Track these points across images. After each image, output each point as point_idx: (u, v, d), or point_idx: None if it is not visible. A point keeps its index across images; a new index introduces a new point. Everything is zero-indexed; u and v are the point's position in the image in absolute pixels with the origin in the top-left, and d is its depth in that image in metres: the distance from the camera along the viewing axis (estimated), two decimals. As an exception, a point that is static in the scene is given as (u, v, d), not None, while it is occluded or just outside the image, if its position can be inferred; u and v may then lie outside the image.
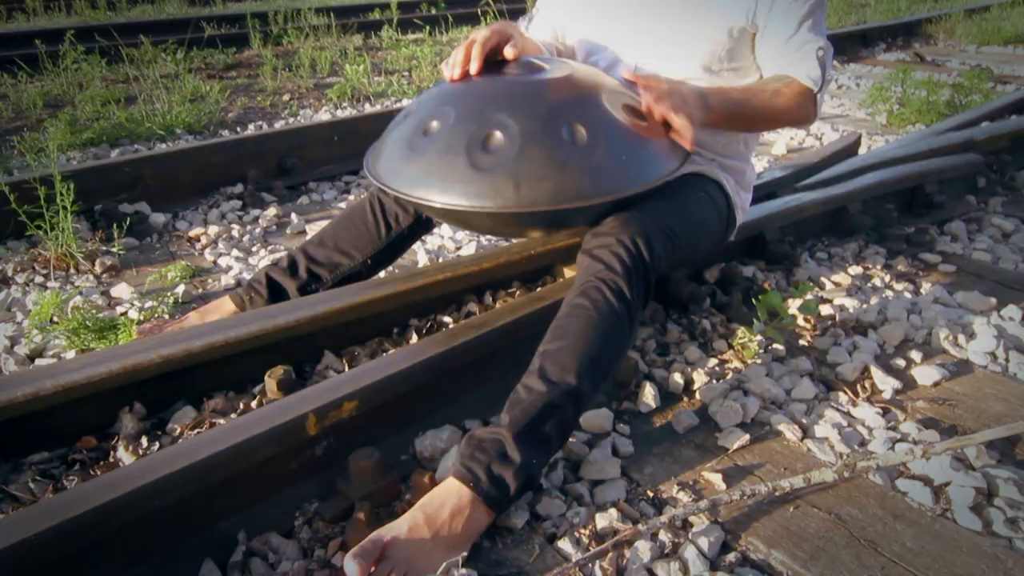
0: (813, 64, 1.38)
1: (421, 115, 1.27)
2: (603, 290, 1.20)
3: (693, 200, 1.42)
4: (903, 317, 1.75)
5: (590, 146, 1.20)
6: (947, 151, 2.53)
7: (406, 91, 4.26)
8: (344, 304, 1.48)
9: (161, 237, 2.33)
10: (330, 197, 2.70)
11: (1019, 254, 2.15)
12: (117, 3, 8.48)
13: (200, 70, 4.65)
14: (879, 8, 7.89)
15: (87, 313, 1.71)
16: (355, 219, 1.60)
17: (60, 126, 3.15)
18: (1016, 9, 7.48)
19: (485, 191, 1.15)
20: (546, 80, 1.28)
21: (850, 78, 4.78)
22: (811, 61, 1.38)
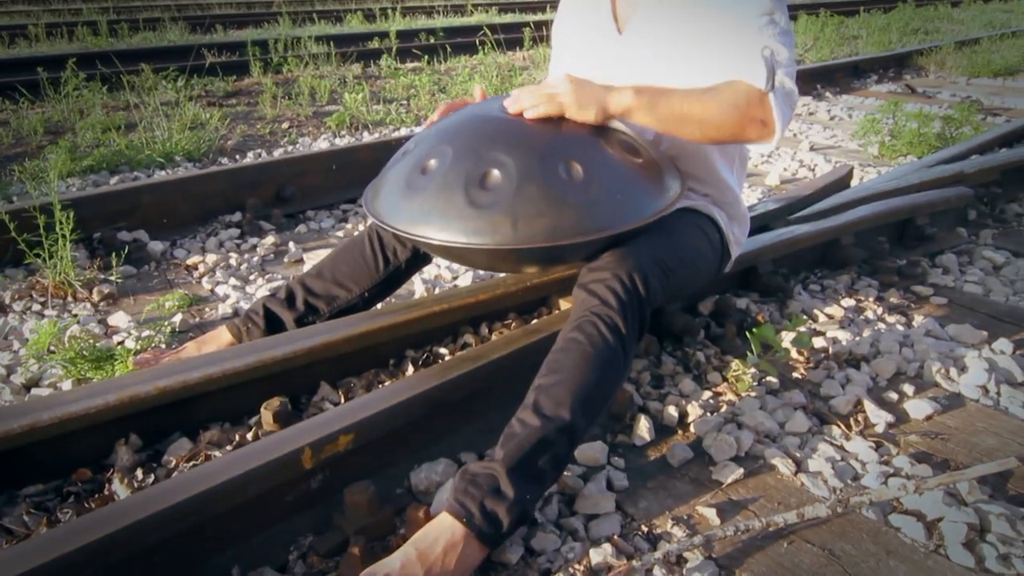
0: (756, 60, 1.27)
1: (419, 153, 1.29)
2: (598, 325, 1.21)
3: (687, 235, 1.44)
4: (895, 350, 1.76)
5: (586, 183, 1.22)
6: (938, 184, 2.57)
7: (404, 120, 4.31)
8: (341, 336, 1.49)
9: (159, 265, 2.34)
10: (328, 225, 2.72)
11: (1009, 287, 2.17)
12: (119, 29, 8.58)
13: (200, 97, 4.70)
14: (871, 40, 8.02)
15: (84, 342, 1.71)
16: (353, 252, 1.62)
17: (60, 153, 3.17)
18: (1006, 42, 7.60)
19: (483, 228, 1.17)
20: (542, 120, 1.30)
21: (842, 109, 4.84)
22: (754, 58, 1.28)
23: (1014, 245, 2.46)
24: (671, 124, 1.32)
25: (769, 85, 1.27)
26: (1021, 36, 8.15)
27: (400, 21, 9.81)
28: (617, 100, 1.30)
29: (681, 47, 1.39)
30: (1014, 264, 2.31)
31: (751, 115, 1.29)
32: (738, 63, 1.30)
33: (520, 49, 7.12)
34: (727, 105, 1.29)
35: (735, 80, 1.30)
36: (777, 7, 1.32)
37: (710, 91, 1.31)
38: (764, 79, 1.27)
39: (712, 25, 1.35)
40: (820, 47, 7.49)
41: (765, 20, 1.30)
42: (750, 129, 1.31)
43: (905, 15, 10.47)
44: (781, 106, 1.29)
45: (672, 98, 1.30)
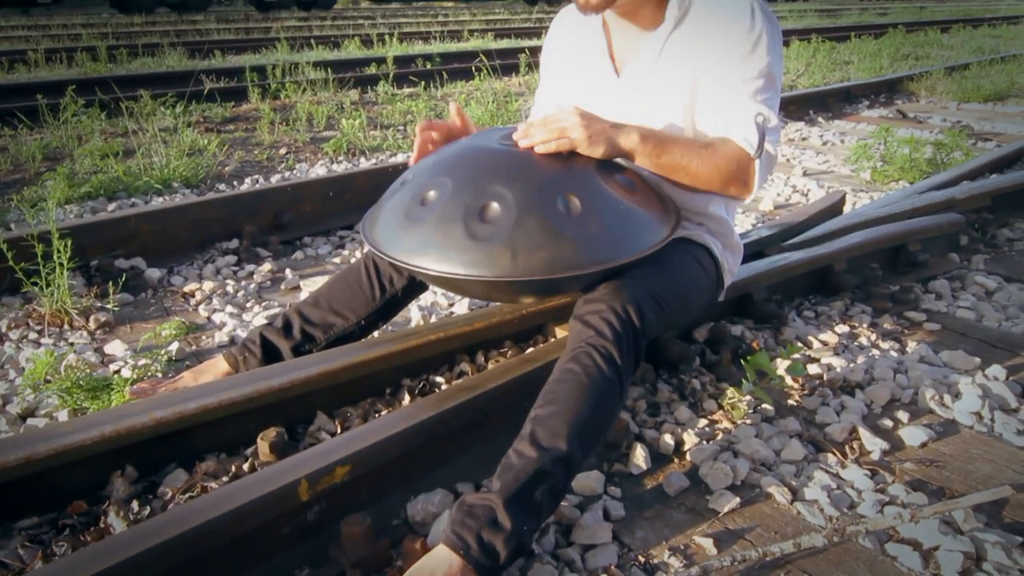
0: (751, 128, 1.35)
1: (418, 184, 1.31)
2: (593, 356, 1.22)
3: (682, 265, 1.45)
4: (889, 376, 1.78)
5: (584, 216, 1.24)
6: (929, 210, 2.59)
7: (401, 145, 4.34)
8: (338, 365, 1.50)
9: (156, 292, 2.35)
10: (324, 252, 2.73)
11: (1002, 312, 2.19)
12: (118, 55, 8.65)
13: (198, 123, 4.73)
14: (862, 66, 8.12)
15: (80, 371, 1.71)
16: (350, 280, 1.63)
17: (59, 180, 3.18)
18: (995, 67, 7.71)
19: (482, 260, 1.18)
20: (542, 153, 1.32)
21: (835, 134, 4.89)
22: (749, 124, 1.35)
23: (1005, 270, 2.48)
24: (667, 171, 1.40)
25: (758, 152, 1.36)
26: (1010, 61, 8.27)
27: (397, 47, 9.91)
28: (625, 140, 1.35)
29: (675, 97, 1.43)
30: (1006, 289, 2.33)
31: (738, 176, 1.40)
32: (733, 123, 1.38)
33: (516, 75, 7.20)
34: (720, 164, 1.38)
35: (728, 140, 1.38)
36: (773, 67, 1.37)
37: (707, 148, 1.38)
38: (755, 146, 1.35)
39: (709, 79, 1.39)
40: (812, 72, 7.59)
41: (761, 82, 1.36)
42: (732, 187, 1.42)
43: (896, 41, 10.63)
44: (763, 171, 1.40)
45: (674, 149, 1.37)
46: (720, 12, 1.38)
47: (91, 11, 20.44)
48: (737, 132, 1.37)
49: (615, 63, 1.51)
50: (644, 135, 1.36)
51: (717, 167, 1.38)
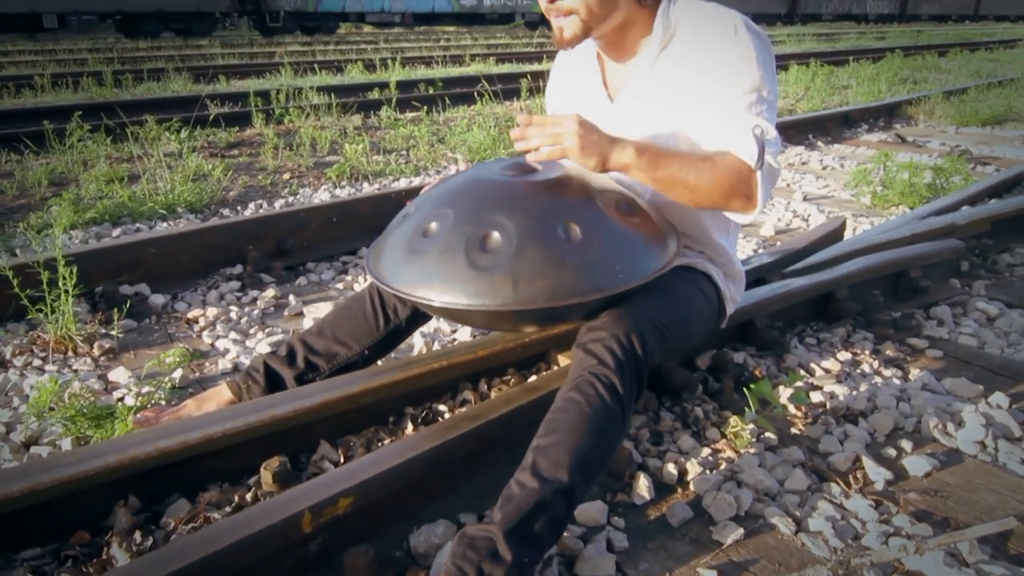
0: (748, 139, 1.33)
1: (420, 216, 1.32)
2: (596, 385, 1.22)
3: (684, 293, 1.46)
4: (892, 405, 1.77)
5: (584, 244, 1.25)
6: (930, 236, 2.61)
7: (403, 170, 4.37)
8: (341, 394, 1.50)
9: (160, 319, 2.35)
10: (328, 278, 2.74)
11: (1004, 339, 2.19)
12: (123, 80, 8.75)
13: (203, 148, 4.77)
14: (860, 90, 8.19)
15: (84, 399, 1.72)
16: (354, 310, 1.64)
17: (64, 205, 3.21)
18: (992, 91, 7.77)
19: (484, 290, 1.19)
20: (540, 181, 1.34)
21: (834, 159, 4.93)
22: (746, 136, 1.33)
23: (1007, 296, 2.48)
24: (664, 186, 1.37)
25: (759, 163, 1.33)
26: (1007, 85, 8.34)
27: (400, 71, 10.01)
28: (619, 155, 1.33)
29: (670, 119, 1.43)
30: (1007, 316, 2.33)
31: (739, 189, 1.36)
32: (730, 137, 1.35)
33: (517, 99, 7.26)
34: (719, 176, 1.34)
35: (727, 152, 1.35)
36: (765, 81, 1.35)
37: (706, 160, 1.36)
38: (755, 157, 1.32)
39: (702, 98, 1.39)
40: (811, 96, 7.65)
41: (755, 96, 1.34)
42: (735, 201, 1.38)
43: (894, 65, 10.72)
44: (766, 183, 1.36)
45: (671, 162, 1.35)
46: (705, 32, 1.38)
47: (97, 36, 20.70)
48: (735, 145, 1.35)
49: (608, 92, 1.53)
50: (639, 149, 1.34)
51: (717, 179, 1.34)
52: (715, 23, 1.37)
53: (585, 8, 1.35)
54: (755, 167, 1.33)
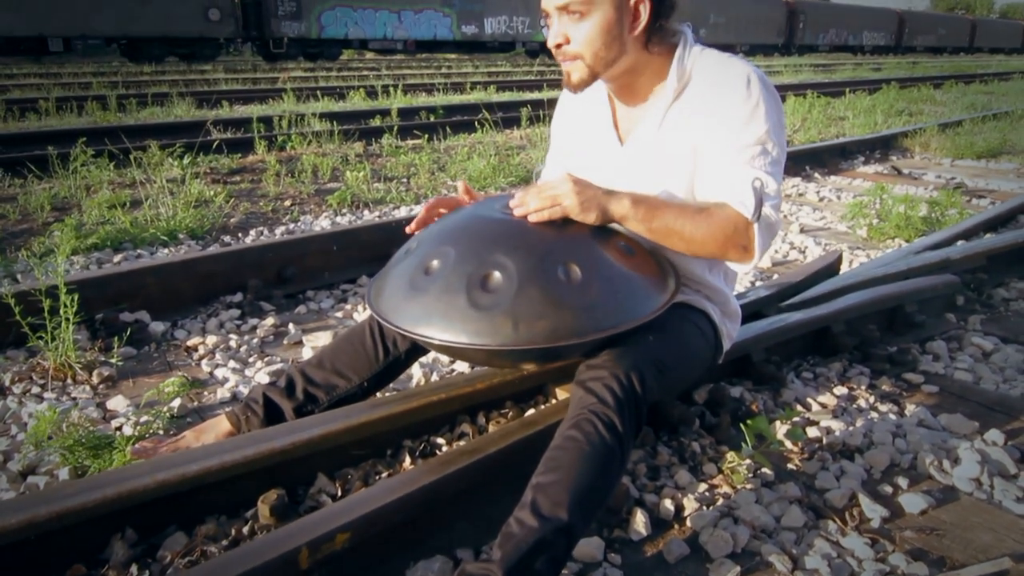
0: (747, 191, 1.35)
1: (422, 253, 1.34)
2: (595, 423, 1.23)
3: (682, 331, 1.47)
4: (888, 441, 1.78)
5: (584, 284, 1.27)
6: (925, 270, 2.63)
7: (404, 199, 4.41)
8: (340, 427, 1.51)
9: (159, 346, 2.36)
10: (327, 306, 2.75)
11: (999, 374, 2.20)
12: (127, 104, 8.84)
13: (205, 175, 4.81)
14: (856, 122, 8.29)
15: (82, 428, 1.72)
16: (354, 342, 1.65)
17: (66, 231, 3.23)
18: (987, 124, 7.87)
19: (484, 329, 1.21)
20: (540, 221, 1.35)
21: (831, 190, 4.97)
22: (745, 188, 1.36)
23: (1002, 331, 2.50)
24: (661, 236, 1.40)
25: (756, 215, 1.35)
26: (1002, 118, 8.44)
27: (401, 99, 10.12)
28: (616, 206, 1.37)
29: (678, 166, 1.45)
30: (1003, 351, 2.35)
31: (735, 240, 1.38)
32: (730, 188, 1.38)
33: (517, 128, 7.34)
34: (715, 228, 1.37)
35: (725, 204, 1.38)
36: (771, 135, 1.37)
37: (702, 212, 1.38)
38: (752, 210, 1.35)
39: (709, 147, 1.41)
40: (808, 128, 7.74)
41: (759, 149, 1.37)
42: (732, 252, 1.41)
43: (889, 97, 10.86)
44: (763, 236, 1.38)
45: (667, 213, 1.38)
46: (718, 83, 1.40)
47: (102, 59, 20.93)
48: (734, 196, 1.38)
49: (619, 133, 1.55)
50: (635, 200, 1.37)
51: (712, 231, 1.37)
52: (729, 74, 1.39)
53: (591, 54, 1.38)
54: (752, 219, 1.36)
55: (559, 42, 1.39)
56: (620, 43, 1.39)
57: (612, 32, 1.36)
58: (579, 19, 1.36)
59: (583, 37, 1.37)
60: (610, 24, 1.36)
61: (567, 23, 1.37)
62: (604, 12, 1.35)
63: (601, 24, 1.35)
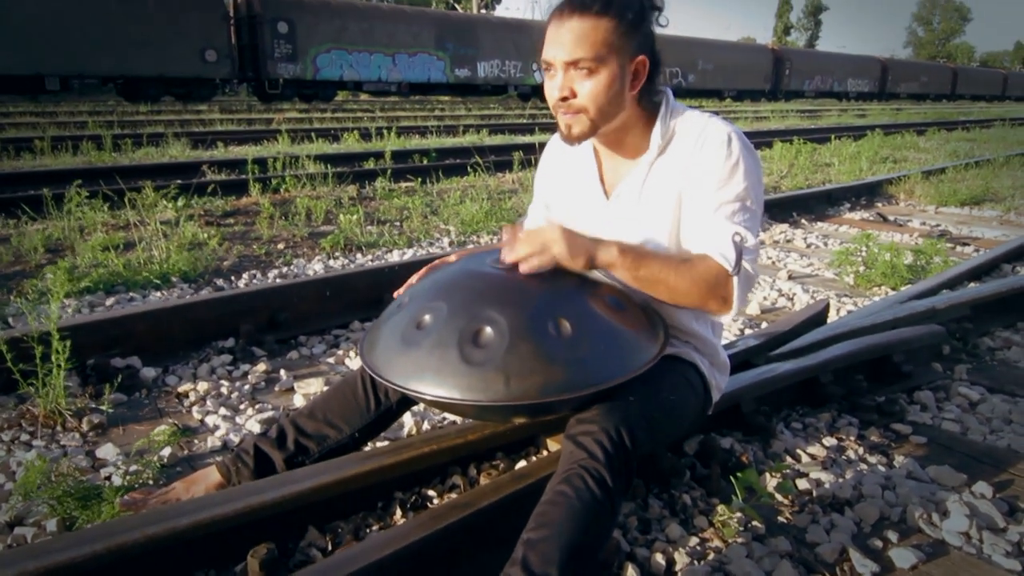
0: (728, 246, 1.41)
1: (414, 308, 1.36)
2: (586, 479, 1.24)
3: (671, 384, 1.49)
4: (878, 493, 1.79)
5: (575, 339, 1.29)
6: (911, 320, 2.67)
7: (397, 242, 4.44)
8: (331, 479, 1.51)
9: (150, 392, 2.36)
10: (319, 352, 2.76)
11: (986, 425, 2.22)
12: (122, 144, 8.90)
13: (199, 217, 4.83)
14: (842, 168, 8.44)
15: (72, 477, 1.71)
16: (345, 392, 1.66)
17: (59, 273, 3.24)
18: (970, 172, 8.03)
19: (476, 385, 1.22)
20: (531, 276, 1.38)
21: (818, 237, 5.05)
22: (726, 243, 1.41)
23: (988, 381, 2.53)
24: (646, 284, 1.44)
25: (736, 269, 1.40)
26: (984, 166, 8.61)
27: (395, 141, 10.24)
28: (604, 254, 1.41)
29: (661, 221, 1.50)
30: (989, 401, 2.37)
31: (716, 292, 1.43)
32: (712, 241, 1.43)
33: (509, 171, 7.43)
34: (698, 279, 1.42)
35: (707, 256, 1.43)
36: (750, 192, 1.43)
37: (686, 263, 1.43)
38: (732, 263, 1.40)
39: (690, 203, 1.46)
40: (795, 174, 7.87)
41: (739, 205, 1.42)
42: (712, 303, 1.45)
43: (874, 144, 11.08)
44: (742, 288, 1.43)
45: (652, 263, 1.42)
46: (701, 142, 1.46)
47: (98, 98, 21.14)
48: (716, 250, 1.42)
49: (605, 187, 1.59)
50: (623, 249, 1.41)
51: (695, 281, 1.42)
52: (710, 134, 1.44)
53: (596, 108, 1.42)
54: (732, 272, 1.41)
55: (565, 95, 1.42)
56: (621, 99, 1.43)
57: (616, 88, 1.41)
58: (587, 75, 1.39)
59: (589, 92, 1.40)
60: (615, 81, 1.40)
61: (574, 77, 1.40)
62: (611, 69, 1.39)
63: (608, 81, 1.39)
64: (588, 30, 1.37)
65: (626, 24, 1.38)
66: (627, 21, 1.38)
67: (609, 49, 1.38)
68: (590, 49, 1.37)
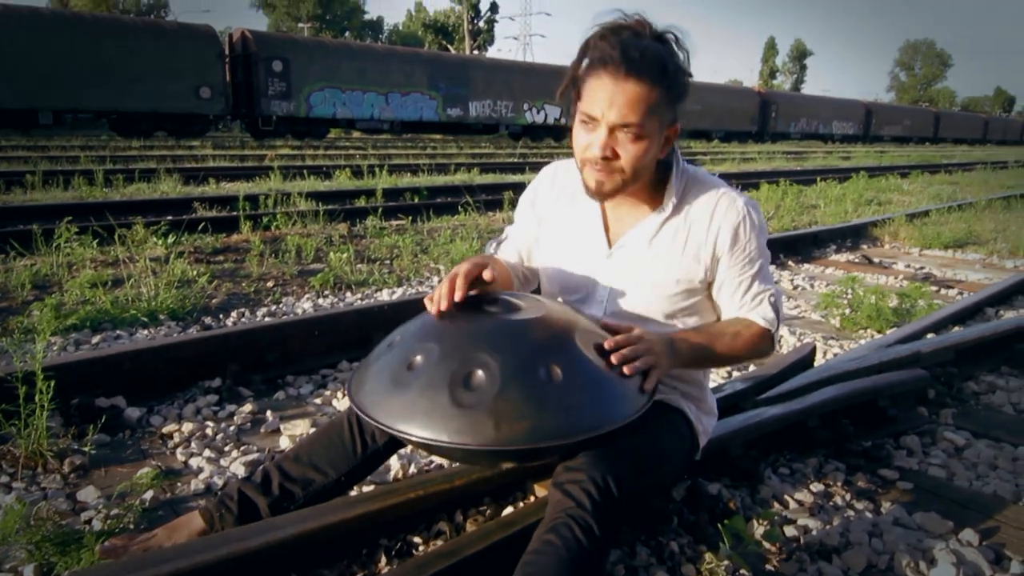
0: (767, 309, 1.55)
1: (405, 349, 1.36)
2: (572, 528, 1.24)
3: (659, 431, 1.50)
4: (865, 541, 1.79)
5: (565, 386, 1.29)
6: (896, 364, 2.69)
7: (386, 281, 4.45)
8: (315, 526, 1.49)
9: (134, 433, 2.33)
10: (306, 392, 2.74)
11: (972, 470, 2.23)
12: (114, 180, 8.92)
13: (189, 254, 4.83)
14: (828, 210, 8.56)
15: (51, 521, 1.68)
16: (332, 435, 1.64)
17: (46, 311, 3.22)
18: (953, 215, 8.15)
19: (465, 428, 1.22)
20: (523, 320, 1.38)
21: (804, 279, 5.10)
22: (765, 307, 1.55)
23: (973, 425, 2.54)
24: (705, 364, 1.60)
25: (778, 326, 1.54)
26: (967, 209, 8.75)
27: (386, 179, 10.32)
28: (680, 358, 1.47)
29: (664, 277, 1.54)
30: (975, 446, 2.38)
31: (763, 350, 1.57)
32: (751, 308, 1.55)
33: (500, 210, 7.49)
34: (748, 345, 1.55)
35: (751, 322, 1.55)
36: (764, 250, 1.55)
37: (734, 336, 1.54)
38: (775, 323, 1.54)
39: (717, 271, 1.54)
40: (782, 215, 7.97)
41: (760, 264, 1.54)
42: (757, 359, 1.63)
43: (859, 186, 11.27)
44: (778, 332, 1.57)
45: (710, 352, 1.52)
46: (718, 215, 1.51)
47: (90, 133, 21.24)
48: (756, 315, 1.54)
49: (609, 237, 1.60)
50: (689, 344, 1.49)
51: (746, 347, 1.54)
52: (726, 206, 1.51)
53: (632, 171, 1.44)
54: (775, 330, 1.54)
55: (607, 155, 1.41)
56: (653, 163, 1.48)
57: (653, 154, 1.45)
58: (633, 140, 1.40)
59: (632, 156, 1.41)
60: (655, 147, 1.44)
61: (619, 139, 1.40)
62: (654, 137, 1.42)
63: (649, 147, 1.43)
64: (643, 96, 1.36)
65: (673, 95, 1.42)
66: (675, 92, 1.42)
67: (656, 117, 1.40)
68: (643, 115, 1.38)
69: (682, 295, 1.54)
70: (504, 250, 1.79)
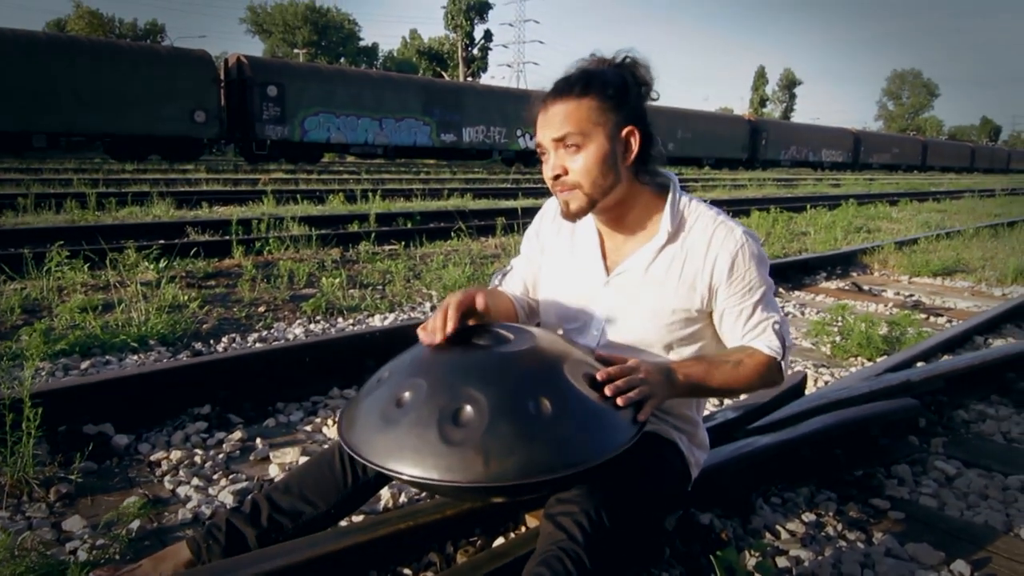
0: (772, 337, 1.52)
1: (393, 385, 1.36)
2: (564, 561, 1.23)
3: (650, 463, 1.49)
4: (857, 572, 1.78)
5: (555, 419, 1.28)
6: (887, 393, 2.69)
7: (378, 306, 4.44)
8: (304, 558, 1.48)
9: (121, 460, 2.31)
10: (296, 419, 2.72)
11: (963, 500, 2.23)
12: (106, 203, 8.90)
13: (181, 278, 4.82)
14: (818, 238, 8.62)
15: (35, 552, 1.66)
16: (322, 466, 1.63)
17: (35, 336, 3.19)
18: (941, 243, 8.22)
19: (455, 465, 1.21)
20: (512, 353, 1.39)
21: (795, 306, 5.12)
22: (769, 335, 1.53)
23: (964, 454, 2.55)
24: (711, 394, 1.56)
25: (784, 353, 1.53)
26: (955, 237, 8.83)
27: (380, 204, 10.35)
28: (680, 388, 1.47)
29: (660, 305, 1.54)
30: (965, 475, 2.38)
31: (769, 379, 1.56)
32: (756, 337, 1.53)
33: (492, 236, 7.51)
34: (753, 375, 1.53)
35: (756, 351, 1.53)
36: (767, 279, 1.54)
37: (737, 365, 1.51)
38: (781, 351, 1.52)
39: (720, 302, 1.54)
40: (772, 242, 8.03)
41: (762, 292, 1.53)
42: (764, 388, 1.59)
43: (848, 214, 11.36)
44: (787, 359, 1.56)
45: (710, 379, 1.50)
46: (715, 246, 1.51)
47: (84, 156, 21.23)
48: (762, 344, 1.53)
49: (606, 264, 1.61)
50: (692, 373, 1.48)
51: (750, 379, 1.53)
52: (723, 237, 1.51)
53: (589, 183, 1.46)
54: (781, 359, 1.52)
55: (558, 173, 1.47)
56: (615, 172, 1.48)
57: (608, 161, 1.46)
58: (576, 151, 1.45)
59: (581, 167, 1.45)
60: (605, 154, 1.45)
61: (564, 155, 1.46)
62: (599, 143, 1.44)
63: (597, 154, 1.45)
64: (571, 110, 1.44)
65: (607, 99, 1.44)
66: (607, 96, 1.44)
67: (593, 124, 1.44)
68: (574, 125, 1.43)
69: (680, 323, 1.54)
70: (509, 282, 1.82)
